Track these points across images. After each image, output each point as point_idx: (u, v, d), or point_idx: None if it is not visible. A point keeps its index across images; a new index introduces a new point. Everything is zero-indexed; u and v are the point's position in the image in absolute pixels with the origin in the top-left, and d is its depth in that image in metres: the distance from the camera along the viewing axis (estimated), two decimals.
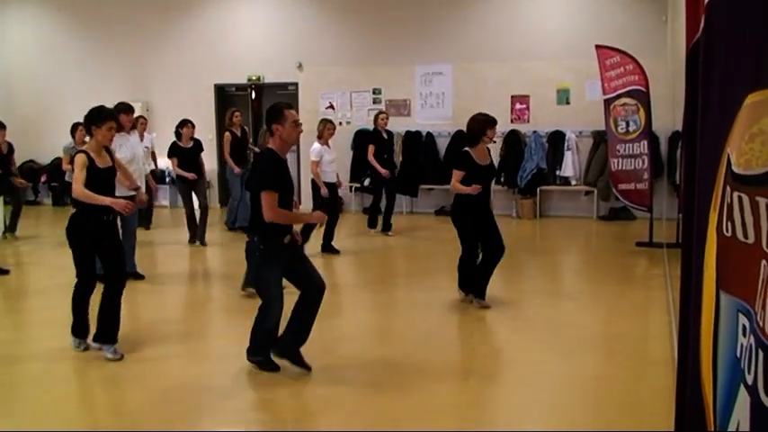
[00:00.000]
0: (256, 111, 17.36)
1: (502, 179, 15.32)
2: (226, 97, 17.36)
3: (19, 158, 17.87)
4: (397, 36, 15.89)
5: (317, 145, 11.09)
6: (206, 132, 15.03)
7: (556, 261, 11.61)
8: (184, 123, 11.90)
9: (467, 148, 8.02)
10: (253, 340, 6.07)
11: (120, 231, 9.32)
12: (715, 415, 2.08)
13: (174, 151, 11.79)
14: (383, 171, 12.54)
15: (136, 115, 10.39)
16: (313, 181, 11.05)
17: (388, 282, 10.05)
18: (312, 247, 10.49)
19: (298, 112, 16.36)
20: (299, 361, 6.04)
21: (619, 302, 8.51)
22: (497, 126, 8.29)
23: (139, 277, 9.54)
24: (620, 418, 5.25)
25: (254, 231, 5.84)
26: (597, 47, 12.04)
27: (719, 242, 2.05)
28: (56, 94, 17.82)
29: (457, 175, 7.90)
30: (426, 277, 10.06)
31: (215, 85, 17.08)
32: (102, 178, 6.52)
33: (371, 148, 12.64)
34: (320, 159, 10.98)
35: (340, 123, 13.05)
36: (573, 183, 14.99)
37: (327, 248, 11.30)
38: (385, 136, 12.86)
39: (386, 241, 12.58)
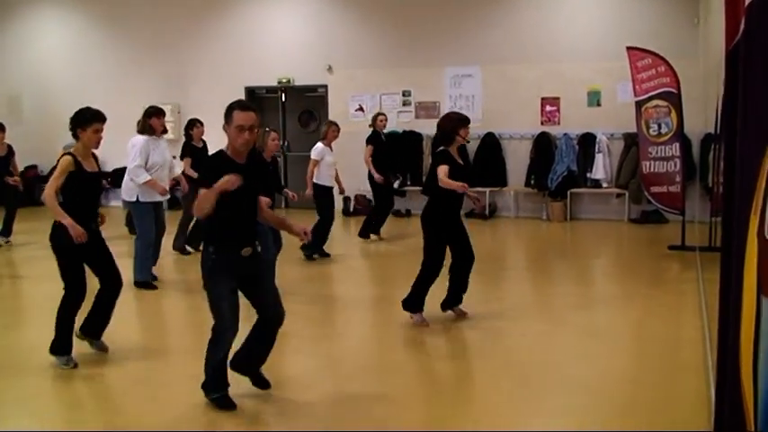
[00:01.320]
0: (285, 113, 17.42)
1: (532, 181, 15.26)
2: (256, 99, 17.42)
3: (51, 160, 18.11)
4: (427, 38, 15.88)
5: (320, 145, 11.01)
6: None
7: (586, 264, 11.54)
8: (194, 123, 11.60)
9: (443, 147, 7.64)
10: (206, 372, 5.34)
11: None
12: (756, 417, 2.06)
13: (187, 152, 11.46)
14: (377, 176, 12.20)
15: (167, 121, 10.21)
16: (316, 185, 10.97)
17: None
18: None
19: (327, 114, 16.49)
20: (255, 379, 5.60)
21: (650, 306, 8.44)
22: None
23: (152, 287, 9.31)
24: (652, 421, 5.20)
25: (206, 241, 5.23)
26: (628, 48, 11.96)
27: (761, 246, 2.02)
28: (88, 96, 17.81)
29: (444, 169, 7.38)
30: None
31: (246, 88, 17.15)
32: (89, 184, 6.36)
33: (369, 149, 12.32)
34: (321, 159, 10.89)
35: (370, 126, 13.00)
36: (604, 185, 14.90)
37: (318, 251, 11.04)
38: (383, 138, 12.66)
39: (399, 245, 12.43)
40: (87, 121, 6.32)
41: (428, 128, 15.68)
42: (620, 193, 14.83)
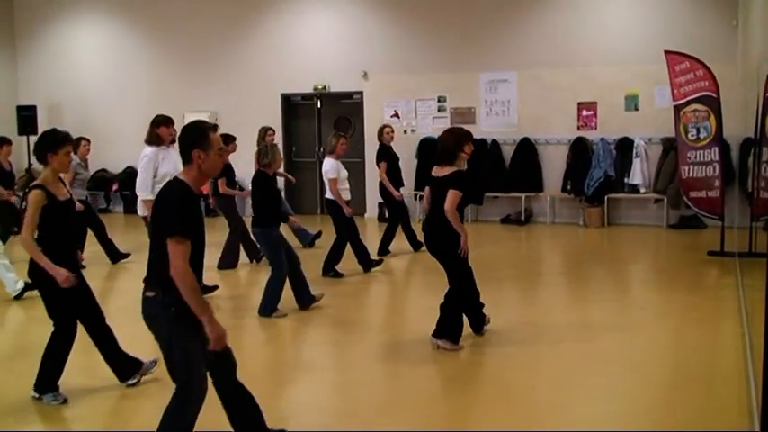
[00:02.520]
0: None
1: (568, 187, 15.17)
2: (292, 107, 17.51)
3: (91, 168, 18.33)
4: (462, 43, 15.87)
5: (330, 161, 10.38)
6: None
7: (624, 270, 11.45)
8: (232, 140, 10.72)
9: (456, 168, 7.07)
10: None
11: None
12: None
13: (222, 170, 10.83)
14: (396, 194, 11.72)
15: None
16: (330, 201, 10.45)
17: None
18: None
19: (363, 120, 16.56)
20: None
21: (689, 313, 8.36)
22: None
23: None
24: (691, 428, 5.16)
25: (158, 286, 4.26)
26: (666, 52, 11.86)
27: None
28: (126, 104, 18.19)
29: (456, 196, 6.88)
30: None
31: (282, 95, 17.24)
32: (64, 213, 5.91)
33: (384, 166, 11.71)
34: (338, 176, 10.31)
35: (405, 132, 12.97)
36: (642, 190, 14.77)
37: (330, 271, 10.45)
38: (393, 151, 12.05)
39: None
40: (59, 143, 5.88)
41: None
42: (658, 199, 14.69)
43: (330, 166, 10.33)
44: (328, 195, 10.47)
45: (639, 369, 6.50)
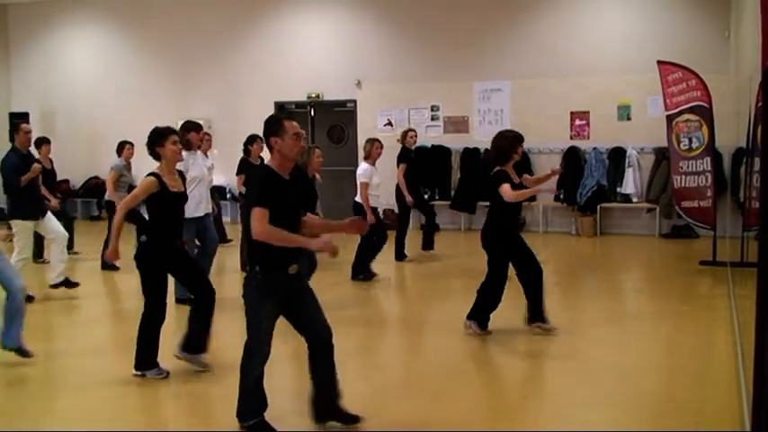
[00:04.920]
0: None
1: (561, 196, 15.20)
2: (285, 114, 17.51)
3: (84, 175, 18.33)
4: (456, 53, 15.91)
5: (365, 165, 10.59)
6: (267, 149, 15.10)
7: (617, 279, 11.46)
8: (254, 139, 11.05)
9: (501, 167, 7.61)
10: (240, 396, 5.12)
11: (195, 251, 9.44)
12: None
13: (242, 168, 11.03)
14: (409, 199, 11.73)
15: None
16: (358, 205, 10.53)
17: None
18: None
19: (356, 129, 16.54)
20: (341, 416, 5.27)
21: (681, 322, 8.38)
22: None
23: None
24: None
25: (252, 260, 5.01)
26: (659, 62, 11.90)
27: None
28: (119, 111, 18.16)
29: (507, 187, 7.41)
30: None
31: (275, 103, 17.25)
32: (173, 203, 6.43)
33: (403, 168, 11.78)
34: (369, 181, 10.44)
35: (398, 140, 12.98)
36: (634, 200, 14.81)
37: (360, 274, 10.62)
38: (413, 155, 12.20)
39: (437, 264, 12.39)
40: (163, 136, 6.35)
41: (457, 142, 15.71)
42: (650, 208, 14.73)
43: (363, 171, 10.52)
44: (357, 198, 10.60)
45: (632, 378, 6.50)
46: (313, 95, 17.06)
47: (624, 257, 13.19)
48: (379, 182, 10.67)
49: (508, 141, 7.61)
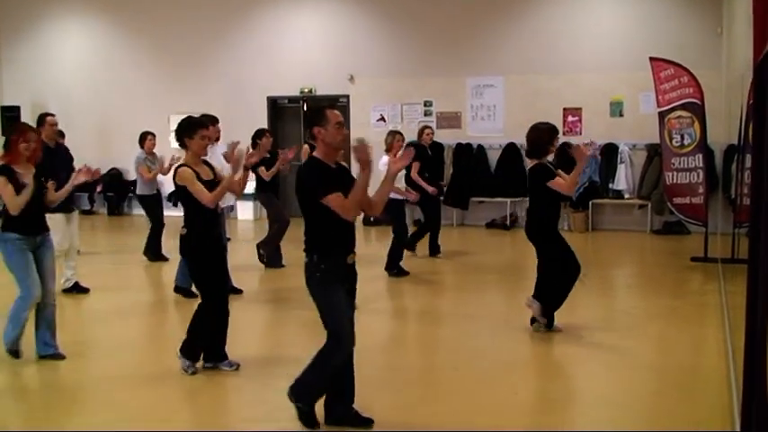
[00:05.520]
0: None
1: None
2: (278, 109, 17.50)
3: (77, 168, 18.24)
4: (449, 48, 15.91)
5: (386, 158, 10.43)
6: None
7: (608, 275, 11.48)
8: (263, 133, 11.02)
9: (539, 161, 7.54)
10: (306, 378, 5.10)
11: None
12: None
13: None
14: (430, 188, 11.51)
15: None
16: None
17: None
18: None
19: (349, 124, 16.51)
20: (354, 420, 5.22)
21: (673, 317, 8.40)
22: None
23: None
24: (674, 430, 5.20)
25: (311, 250, 4.99)
26: (651, 59, 11.92)
27: None
28: (111, 105, 18.13)
29: (560, 180, 7.41)
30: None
31: (268, 98, 17.23)
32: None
33: (416, 166, 11.52)
34: None
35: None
36: (626, 196, 14.84)
37: (396, 268, 10.62)
38: (429, 152, 12.04)
39: (439, 264, 12.30)
40: (194, 128, 6.30)
41: (450, 138, 15.70)
42: (642, 204, 14.76)
43: (384, 163, 10.29)
44: None
45: (622, 373, 6.52)
46: (306, 90, 17.03)
47: (616, 253, 13.22)
48: (402, 173, 10.53)
49: (546, 134, 7.57)
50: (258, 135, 10.96)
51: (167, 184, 12.37)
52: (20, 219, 6.46)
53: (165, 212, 11.98)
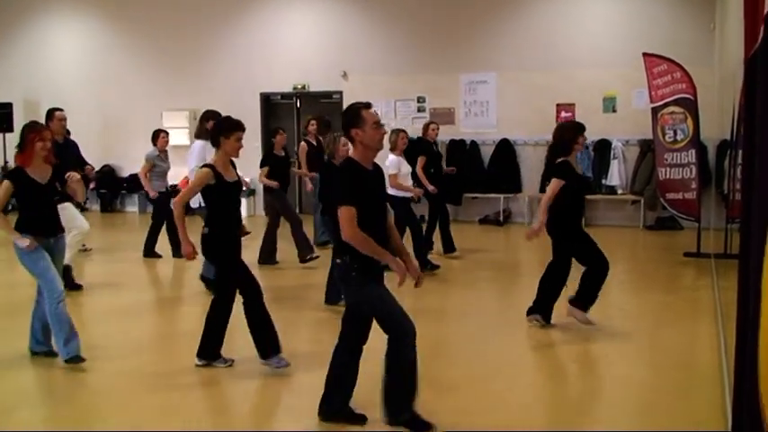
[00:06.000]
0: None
1: (546, 188, 15.22)
2: (271, 106, 17.48)
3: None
4: (442, 44, 15.90)
5: (392, 157, 10.40)
6: (252, 140, 15.01)
7: None
8: (276, 131, 11.17)
9: (564, 158, 7.50)
10: (392, 394, 4.91)
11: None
12: None
13: (266, 161, 11.05)
14: (431, 187, 11.34)
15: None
16: (390, 196, 10.08)
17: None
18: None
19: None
20: (350, 416, 5.17)
21: (665, 313, 8.42)
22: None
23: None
24: (669, 426, 5.20)
25: (343, 251, 4.89)
26: (644, 55, 11.94)
27: None
28: (104, 102, 18.08)
29: (556, 184, 7.41)
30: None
31: (261, 94, 17.21)
32: (230, 193, 6.34)
33: (422, 161, 11.42)
34: (398, 172, 10.31)
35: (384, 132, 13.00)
36: (619, 192, 14.86)
37: (428, 264, 10.49)
38: (435, 148, 12.03)
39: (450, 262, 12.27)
40: (231, 129, 6.24)
41: (443, 134, 15.64)
42: (635, 200, 14.79)
43: (390, 162, 10.32)
44: (390, 191, 10.17)
45: (616, 369, 6.53)
46: (299, 87, 17.02)
47: (609, 249, 12.99)
48: (407, 171, 10.57)
49: (568, 132, 7.59)
50: (272, 134, 11.10)
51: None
52: (33, 219, 6.33)
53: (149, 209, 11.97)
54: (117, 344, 7.34)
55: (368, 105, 5.00)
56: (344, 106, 16.58)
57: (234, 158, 6.41)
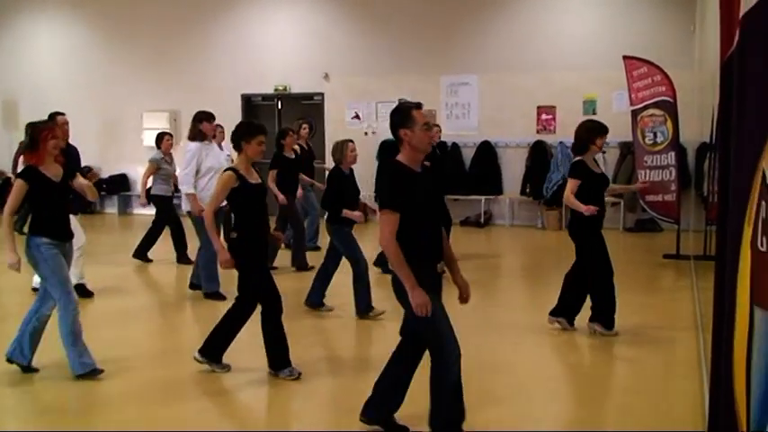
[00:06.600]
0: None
1: (527, 190, 15.30)
2: (252, 107, 17.44)
3: None
4: (424, 46, 15.92)
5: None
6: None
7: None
8: (285, 133, 10.91)
9: (579, 157, 7.47)
10: (437, 408, 4.71)
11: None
12: (748, 421, 2.07)
13: (275, 163, 10.69)
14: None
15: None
16: None
17: None
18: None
19: (323, 122, 16.48)
20: (391, 426, 5.03)
21: (646, 314, 8.45)
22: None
23: (221, 298, 8.96)
24: (647, 427, 5.22)
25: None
26: (625, 57, 12.00)
27: (753, 257, 2.04)
28: (83, 102, 17.96)
29: (572, 184, 7.28)
30: None
31: (242, 95, 17.17)
32: (255, 196, 6.26)
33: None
34: None
35: (366, 134, 13.04)
36: None
37: None
38: (438, 152, 11.64)
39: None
40: (252, 133, 6.22)
41: None
42: (615, 202, 14.85)
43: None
44: None
45: (596, 371, 6.55)
46: (280, 88, 16.99)
47: None
48: None
49: (585, 131, 7.49)
50: (282, 135, 10.75)
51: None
52: (49, 221, 6.10)
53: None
54: (120, 352, 7.19)
55: (419, 105, 4.84)
56: (326, 108, 16.70)
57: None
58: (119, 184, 17.87)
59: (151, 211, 11.68)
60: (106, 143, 17.66)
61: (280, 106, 17.35)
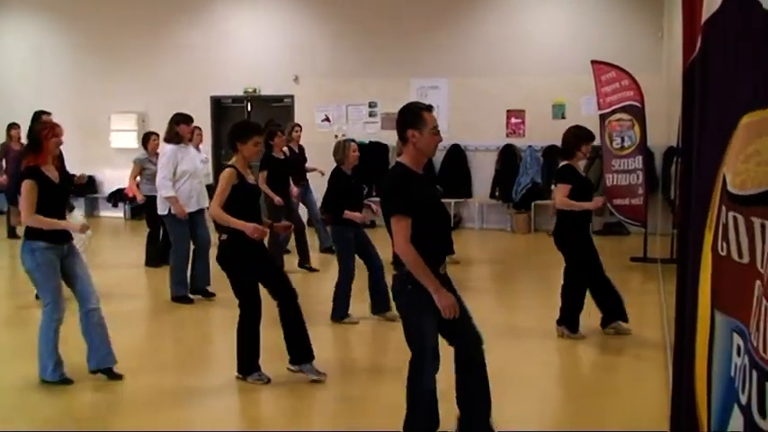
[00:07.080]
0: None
1: (497, 193, 15.35)
2: (221, 109, 17.36)
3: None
4: (394, 49, 15.93)
5: None
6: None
7: (550, 276, 11.49)
8: (274, 132, 10.62)
9: (566, 162, 7.50)
10: (408, 416, 4.63)
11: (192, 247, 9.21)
12: (709, 424, 2.09)
13: (265, 164, 10.41)
14: None
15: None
16: None
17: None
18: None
19: (293, 124, 16.40)
20: None
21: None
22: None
23: (188, 301, 9.03)
24: (611, 426, 5.26)
25: (399, 264, 4.53)
26: (593, 62, 12.08)
27: (714, 261, 2.05)
28: (50, 104, 17.67)
29: (564, 189, 7.30)
30: None
31: (211, 97, 17.08)
32: (251, 195, 6.26)
33: None
34: None
35: (336, 136, 13.02)
36: None
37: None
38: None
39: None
40: (248, 134, 6.21)
41: (394, 139, 15.57)
42: None
43: None
44: None
45: (564, 374, 6.58)
46: (250, 90, 16.93)
47: (557, 254, 13.14)
48: None
49: (573, 137, 7.50)
50: (270, 135, 10.41)
51: None
52: None
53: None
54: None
55: (429, 108, 4.71)
56: (296, 110, 16.64)
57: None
58: (86, 186, 17.67)
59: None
60: (74, 145, 17.40)
61: (249, 108, 17.28)
